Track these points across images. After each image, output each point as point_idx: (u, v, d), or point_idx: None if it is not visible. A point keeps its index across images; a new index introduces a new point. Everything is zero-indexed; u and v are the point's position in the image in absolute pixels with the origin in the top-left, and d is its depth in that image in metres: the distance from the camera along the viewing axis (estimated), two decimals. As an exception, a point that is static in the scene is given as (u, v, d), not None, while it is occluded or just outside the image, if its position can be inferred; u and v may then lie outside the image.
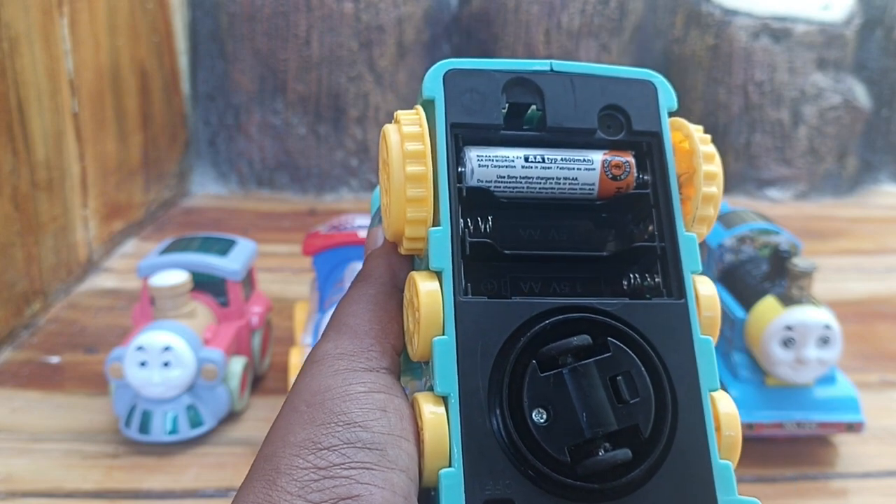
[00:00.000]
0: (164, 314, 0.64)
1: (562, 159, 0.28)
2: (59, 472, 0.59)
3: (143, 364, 0.60)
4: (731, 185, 1.27)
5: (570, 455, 0.24)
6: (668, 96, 0.29)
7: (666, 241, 0.27)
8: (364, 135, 1.24)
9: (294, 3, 1.18)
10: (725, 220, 0.71)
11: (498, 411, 0.24)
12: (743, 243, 0.69)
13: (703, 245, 0.71)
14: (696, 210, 0.28)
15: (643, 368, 0.25)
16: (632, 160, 0.28)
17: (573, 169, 0.28)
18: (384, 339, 0.26)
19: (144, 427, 0.61)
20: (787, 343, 0.60)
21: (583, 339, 0.25)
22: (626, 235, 0.28)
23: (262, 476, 0.23)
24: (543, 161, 0.27)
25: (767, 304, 0.62)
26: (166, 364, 0.60)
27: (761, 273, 0.66)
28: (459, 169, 0.27)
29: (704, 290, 0.27)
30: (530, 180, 0.27)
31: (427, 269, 0.26)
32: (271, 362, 0.74)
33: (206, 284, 0.68)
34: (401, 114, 0.28)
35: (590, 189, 0.28)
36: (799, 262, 0.62)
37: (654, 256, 0.27)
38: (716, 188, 0.28)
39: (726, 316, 0.65)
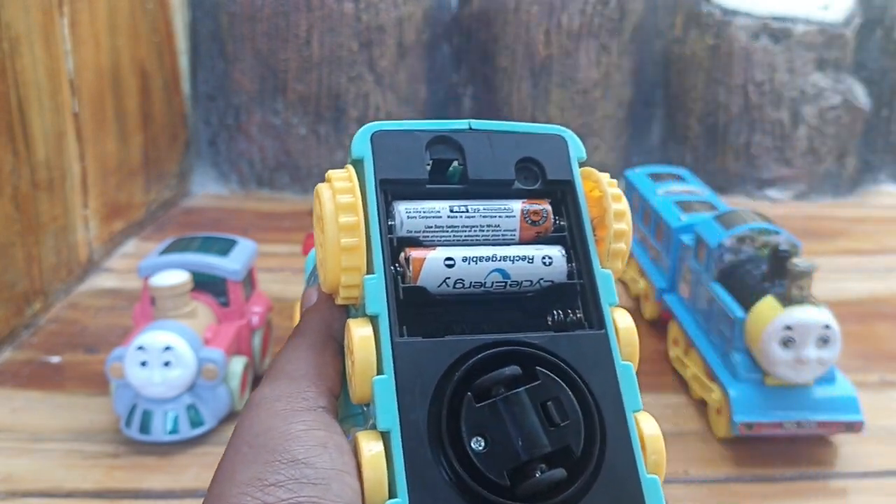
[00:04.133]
0: (165, 314, 0.64)
1: (484, 209, 0.30)
2: (60, 472, 0.59)
3: (143, 364, 0.60)
4: (730, 185, 1.27)
5: (510, 478, 0.25)
6: (577, 148, 0.31)
7: (584, 278, 0.29)
8: (364, 135, 1.24)
9: (294, 3, 1.18)
10: (725, 219, 0.71)
11: (438, 442, 0.26)
12: (742, 243, 0.69)
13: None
14: (610, 245, 0.30)
15: (570, 393, 0.27)
16: (549, 207, 0.30)
17: (495, 217, 0.30)
18: (319, 381, 0.28)
19: (145, 427, 0.61)
20: (787, 343, 0.60)
21: (513, 369, 0.26)
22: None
23: None
24: (467, 211, 0.30)
25: (767, 304, 0.62)
26: (167, 364, 0.60)
27: (761, 273, 0.66)
28: (390, 222, 0.29)
29: (622, 322, 0.29)
30: (456, 229, 0.29)
31: (363, 316, 0.28)
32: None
33: (206, 284, 0.68)
34: (332, 173, 0.29)
35: (511, 235, 0.30)
36: (799, 262, 0.62)
37: (574, 293, 0.29)
38: (625, 225, 0.30)
39: (726, 316, 0.65)
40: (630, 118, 1.30)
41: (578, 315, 0.29)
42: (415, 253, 0.28)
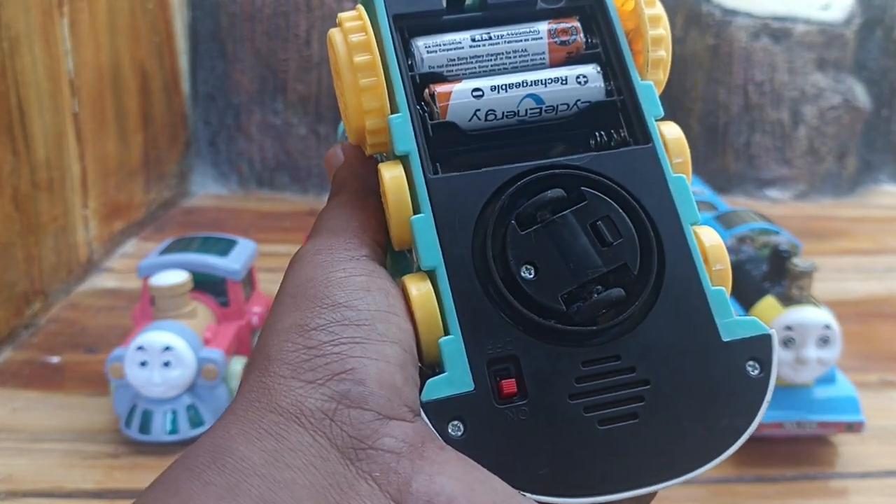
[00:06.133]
0: (165, 314, 0.64)
1: (508, 34, 0.28)
2: (60, 472, 0.59)
3: (143, 364, 0.60)
4: (731, 185, 1.27)
5: (565, 303, 0.24)
6: None
7: (624, 94, 0.28)
8: (364, 135, 1.24)
9: (294, 3, 1.18)
10: (725, 220, 0.71)
11: (486, 275, 0.25)
12: (743, 243, 0.69)
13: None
14: (648, 55, 0.28)
15: (621, 211, 0.25)
16: (577, 24, 0.28)
17: (521, 41, 0.28)
18: (362, 232, 0.27)
19: (145, 427, 0.61)
20: (787, 343, 0.60)
21: (556, 192, 0.25)
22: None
23: (256, 366, 0.24)
24: (490, 38, 0.28)
25: (767, 304, 0.62)
26: (167, 364, 0.60)
27: (761, 273, 0.66)
28: (409, 60, 0.27)
29: (670, 133, 0.27)
30: (480, 59, 0.28)
31: (393, 159, 0.27)
32: (271, 362, 0.74)
33: (206, 284, 0.68)
34: (342, 15, 0.28)
35: (541, 58, 0.28)
36: (799, 262, 0.62)
37: (615, 111, 0.28)
38: (662, 30, 0.28)
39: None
40: (630, 118, 1.30)
41: (622, 133, 0.27)
42: (440, 88, 0.27)
